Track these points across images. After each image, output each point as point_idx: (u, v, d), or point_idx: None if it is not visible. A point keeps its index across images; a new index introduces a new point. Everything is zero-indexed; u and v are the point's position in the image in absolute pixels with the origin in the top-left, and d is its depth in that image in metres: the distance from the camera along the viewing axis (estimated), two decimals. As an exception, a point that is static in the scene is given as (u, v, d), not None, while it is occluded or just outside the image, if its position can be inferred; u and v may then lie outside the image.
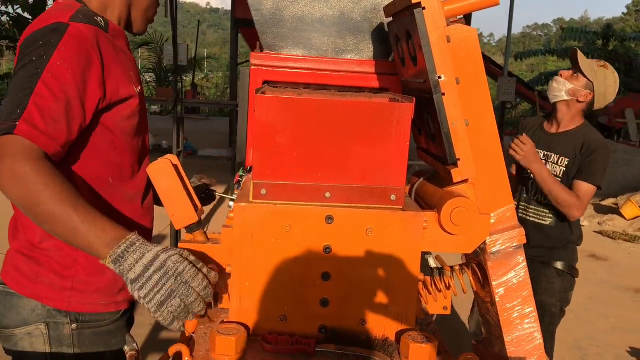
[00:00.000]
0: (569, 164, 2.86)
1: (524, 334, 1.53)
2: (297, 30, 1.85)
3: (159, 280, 1.18)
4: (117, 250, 1.20)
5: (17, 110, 1.25)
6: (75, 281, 1.50)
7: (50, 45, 1.32)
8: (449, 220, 1.39)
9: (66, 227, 1.22)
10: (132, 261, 1.19)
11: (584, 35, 22.34)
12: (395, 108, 1.42)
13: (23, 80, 1.29)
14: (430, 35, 1.35)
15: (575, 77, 2.85)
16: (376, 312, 1.40)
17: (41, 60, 1.30)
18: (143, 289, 1.18)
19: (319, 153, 1.42)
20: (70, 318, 1.50)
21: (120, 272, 1.20)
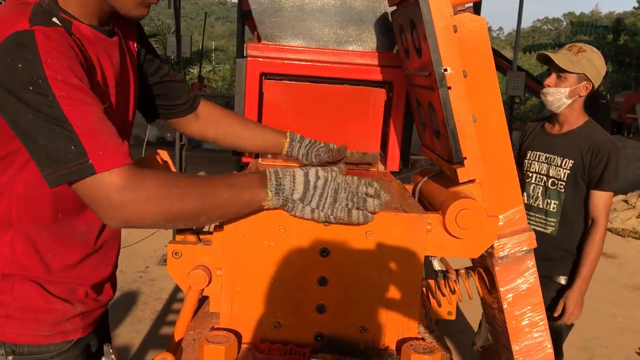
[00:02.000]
0: (574, 166, 2.68)
1: (533, 343, 1.45)
2: (297, 19, 1.77)
3: (323, 186, 1.22)
4: (271, 184, 1.20)
5: (72, 146, 1.09)
6: (11, 308, 1.32)
7: (32, 63, 1.09)
8: (454, 223, 1.30)
9: (221, 204, 1.18)
10: (289, 184, 1.21)
11: (594, 30, 22.12)
12: (371, 92, 1.89)
13: (43, 115, 1.09)
14: (436, 24, 1.26)
15: (563, 79, 2.63)
16: (376, 320, 1.32)
17: (40, 86, 1.09)
18: (313, 201, 1.21)
19: (313, 127, 1.85)
20: (5, 349, 1.33)
21: (285, 199, 1.21)
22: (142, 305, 4.56)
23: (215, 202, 1.17)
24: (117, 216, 1.12)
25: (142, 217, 1.12)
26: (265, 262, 1.29)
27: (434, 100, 1.38)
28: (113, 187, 1.10)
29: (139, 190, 1.11)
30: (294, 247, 1.28)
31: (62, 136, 1.09)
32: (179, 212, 1.15)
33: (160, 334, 4.12)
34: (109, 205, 1.11)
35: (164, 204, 1.13)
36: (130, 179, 1.12)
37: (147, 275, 5.20)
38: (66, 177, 1.10)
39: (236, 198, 1.19)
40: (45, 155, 1.11)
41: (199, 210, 1.17)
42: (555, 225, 2.74)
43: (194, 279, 1.31)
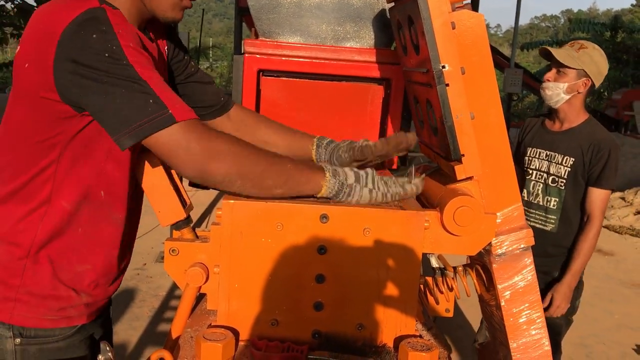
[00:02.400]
0: (575, 164, 2.66)
1: (531, 340, 1.45)
2: (294, 16, 1.77)
3: (371, 171, 1.33)
4: (327, 169, 1.31)
5: (150, 100, 1.17)
6: (20, 292, 1.35)
7: (106, 34, 1.18)
8: (452, 220, 1.30)
9: (286, 171, 1.27)
10: (342, 173, 1.31)
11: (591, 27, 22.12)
12: (369, 89, 1.87)
13: (118, 77, 1.17)
14: (434, 20, 1.25)
15: (562, 74, 2.62)
16: (373, 317, 1.32)
17: (115, 52, 1.17)
18: (368, 183, 1.31)
19: (311, 123, 1.83)
20: (13, 332, 1.35)
21: (340, 183, 1.29)
22: (139, 302, 4.56)
23: (280, 169, 1.27)
24: (195, 164, 1.20)
25: (216, 168, 1.21)
26: (263, 260, 1.29)
27: (432, 97, 1.38)
28: (192, 135, 1.19)
29: (214, 142, 1.21)
30: (291, 245, 1.28)
31: (140, 92, 1.17)
32: (250, 168, 1.23)
33: (158, 331, 4.12)
34: (188, 154, 1.19)
35: (237, 159, 1.22)
36: (204, 132, 1.21)
37: (145, 272, 5.19)
38: (150, 129, 1.17)
39: (299, 172, 1.28)
40: (123, 115, 1.17)
41: (267, 171, 1.25)
42: (555, 223, 2.73)
43: (191, 277, 1.30)
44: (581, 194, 2.67)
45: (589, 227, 2.64)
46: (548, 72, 2.67)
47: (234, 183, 1.24)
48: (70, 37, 1.17)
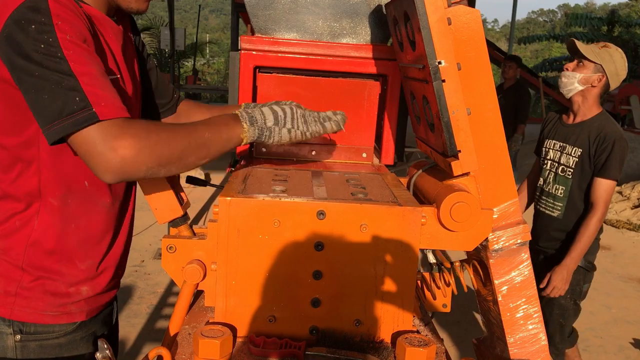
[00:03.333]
0: (582, 154, 2.82)
1: (528, 335, 1.45)
2: (290, 12, 1.76)
3: (291, 112, 1.35)
4: (243, 117, 1.33)
5: (76, 98, 1.15)
6: (20, 286, 1.35)
7: (44, 25, 1.17)
8: (448, 215, 1.30)
9: (205, 142, 1.27)
10: (259, 116, 1.34)
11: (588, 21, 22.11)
12: (365, 85, 1.86)
13: (51, 70, 1.16)
14: (430, 16, 1.25)
15: (581, 66, 2.79)
16: (371, 313, 1.32)
17: (51, 45, 1.16)
18: (287, 122, 1.33)
19: None
20: (14, 328, 1.36)
21: (260, 128, 1.33)
22: (137, 299, 4.56)
23: (199, 141, 1.26)
24: (113, 166, 1.16)
25: (138, 165, 1.18)
26: (260, 256, 1.29)
27: (428, 93, 1.38)
28: (111, 135, 1.16)
29: (134, 137, 1.17)
30: (288, 241, 1.28)
31: (67, 88, 1.15)
32: (170, 155, 1.22)
33: (156, 327, 4.12)
34: (106, 156, 1.15)
35: (155, 149, 1.19)
36: (124, 127, 1.17)
37: (143, 269, 5.19)
38: (71, 126, 1.14)
39: (217, 135, 1.29)
40: (51, 109, 1.16)
41: (186, 150, 1.24)
42: (562, 209, 2.89)
43: (189, 274, 1.30)
44: (586, 183, 2.81)
45: (591, 215, 2.76)
46: (570, 62, 2.86)
47: (159, 171, 1.23)
48: (12, 26, 1.17)
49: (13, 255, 1.35)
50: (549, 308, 2.91)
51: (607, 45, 2.82)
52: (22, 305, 1.35)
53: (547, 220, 2.96)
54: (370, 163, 1.91)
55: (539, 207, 3.03)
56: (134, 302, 4.50)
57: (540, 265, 2.94)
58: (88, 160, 1.18)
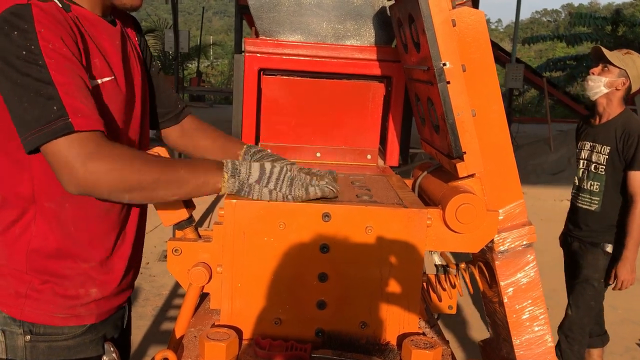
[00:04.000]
0: (611, 151, 3.06)
1: (534, 336, 1.45)
2: (295, 14, 1.76)
3: (279, 173, 1.29)
4: (227, 168, 1.28)
5: (54, 107, 1.15)
6: (30, 288, 1.34)
7: (26, 32, 1.16)
8: (454, 217, 1.30)
9: (177, 179, 1.25)
10: (245, 170, 1.29)
11: (592, 21, 22.03)
12: (370, 86, 1.86)
13: (31, 78, 1.16)
14: (434, 18, 1.25)
15: (606, 71, 3.02)
16: (376, 315, 1.32)
17: (32, 52, 1.16)
18: (270, 183, 1.28)
19: (312, 122, 1.87)
20: (24, 329, 1.36)
21: (241, 182, 1.28)
22: (142, 302, 4.57)
23: (171, 177, 1.24)
24: (79, 180, 1.16)
25: (101, 185, 1.18)
26: (265, 259, 1.29)
27: (433, 94, 1.38)
28: (81, 149, 1.16)
29: (106, 157, 1.18)
30: (293, 244, 1.28)
31: (46, 97, 1.15)
32: (137, 183, 1.21)
33: (161, 330, 4.12)
34: (74, 168, 1.15)
35: (124, 174, 1.19)
36: (100, 144, 1.18)
37: (148, 271, 5.20)
38: (47, 135, 1.14)
39: (192, 176, 1.26)
40: (28, 117, 1.15)
41: (155, 183, 1.23)
42: (599, 203, 3.14)
43: (194, 276, 1.31)
44: (620, 177, 3.06)
45: (633, 207, 3.00)
46: (595, 67, 3.09)
47: (122, 197, 1.23)
48: None
49: (16, 263, 1.34)
50: (582, 289, 3.19)
51: (630, 52, 3.06)
52: (32, 306, 1.35)
53: (585, 214, 3.21)
54: (375, 165, 1.91)
55: (577, 203, 3.26)
56: (139, 304, 4.51)
57: (575, 249, 3.28)
58: (56, 169, 1.18)
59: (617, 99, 3.08)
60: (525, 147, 11.87)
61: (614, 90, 3.05)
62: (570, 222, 3.36)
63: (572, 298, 3.25)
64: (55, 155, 1.16)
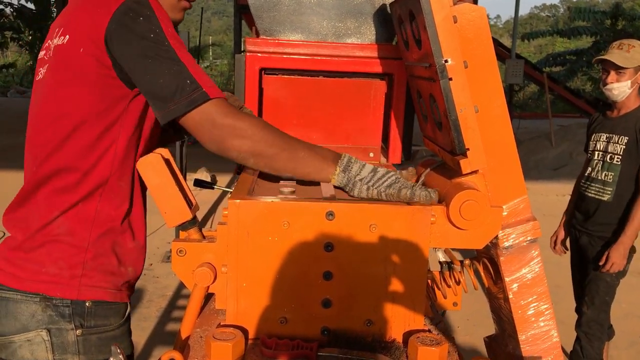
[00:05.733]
0: (629, 141, 3.11)
1: (540, 332, 1.45)
2: (295, 13, 1.76)
3: (384, 174, 1.36)
4: (342, 162, 1.38)
5: (187, 80, 1.30)
6: (85, 267, 1.42)
7: (150, 18, 1.31)
8: (458, 214, 1.30)
9: (296, 159, 1.37)
10: (357, 168, 1.37)
11: (592, 15, 21.97)
12: (371, 85, 1.87)
13: (162, 58, 1.30)
14: (435, 15, 1.25)
15: (622, 74, 3.08)
16: (382, 313, 1.32)
17: (158, 35, 1.31)
18: (371, 181, 1.35)
19: (314, 121, 1.87)
20: (75, 323, 1.41)
21: (349, 178, 1.36)
22: (147, 303, 4.57)
23: (292, 155, 1.36)
24: (216, 137, 1.32)
25: (233, 145, 1.32)
26: (270, 258, 1.29)
27: (435, 91, 1.38)
28: (219, 112, 1.32)
29: (236, 121, 1.32)
30: (298, 242, 1.28)
31: (178, 73, 1.30)
32: (262, 152, 1.34)
33: (166, 331, 4.13)
34: (213, 127, 1.32)
35: (253, 140, 1.32)
36: (231, 110, 1.33)
37: (151, 272, 5.20)
38: (187, 105, 1.30)
39: (310, 160, 1.37)
40: (166, 91, 1.30)
41: (277, 156, 1.35)
42: (611, 194, 3.17)
43: (199, 277, 1.31)
44: (635, 168, 3.11)
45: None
46: (609, 76, 3.13)
47: (248, 160, 1.35)
48: (121, 19, 1.30)
49: (80, 237, 1.42)
50: (595, 285, 3.21)
51: (632, 44, 3.10)
52: (88, 284, 1.43)
53: (596, 204, 3.23)
54: (378, 162, 1.91)
55: (588, 193, 3.29)
56: (144, 305, 4.52)
57: (584, 244, 3.32)
58: (197, 133, 1.34)
59: (634, 92, 3.14)
60: (527, 142, 11.85)
61: (636, 85, 3.12)
62: (578, 210, 3.37)
63: (587, 296, 3.25)
64: (196, 118, 1.31)
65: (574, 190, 3.52)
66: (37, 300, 1.39)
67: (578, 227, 3.37)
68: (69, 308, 1.40)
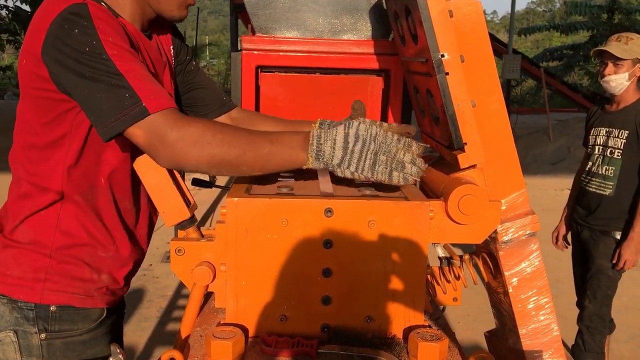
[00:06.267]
0: (629, 135, 3.10)
1: (540, 325, 1.44)
2: (290, 10, 1.76)
3: (361, 149, 1.22)
4: (312, 149, 1.25)
5: (126, 94, 1.22)
6: (49, 271, 1.39)
7: (87, 28, 1.23)
8: (457, 209, 1.29)
9: (262, 156, 1.25)
10: (329, 150, 1.24)
11: (588, 9, 21.93)
12: (368, 81, 1.88)
13: (99, 71, 1.22)
14: (431, 9, 1.25)
15: (620, 66, 3.07)
16: (381, 309, 1.32)
17: (95, 47, 1.22)
18: (351, 165, 1.23)
19: (311, 117, 1.70)
20: (39, 327, 1.38)
21: (325, 164, 1.25)
22: (147, 303, 4.57)
23: (257, 153, 1.25)
24: (167, 154, 1.23)
25: (188, 157, 1.23)
26: (269, 256, 1.28)
27: (432, 86, 1.37)
28: (165, 126, 1.22)
29: (186, 131, 1.22)
30: (297, 240, 1.28)
31: (117, 87, 1.21)
32: (222, 157, 1.24)
33: (166, 331, 4.12)
34: (161, 143, 1.22)
35: (208, 148, 1.23)
36: (179, 120, 1.23)
37: (151, 272, 5.20)
38: (125, 122, 1.21)
39: (278, 153, 1.26)
40: (104, 108, 1.22)
41: (240, 158, 1.25)
42: (613, 188, 3.16)
43: (198, 276, 1.30)
44: (637, 162, 3.10)
45: None
46: (606, 68, 3.11)
47: (210, 169, 1.26)
48: (55, 32, 1.23)
49: (42, 244, 1.39)
50: (597, 280, 3.21)
51: (630, 37, 3.09)
52: (52, 288, 1.39)
53: (597, 199, 3.22)
54: None
55: (589, 188, 3.28)
56: (144, 305, 4.51)
57: (586, 239, 3.31)
58: (147, 150, 1.25)
59: (633, 84, 3.13)
60: (525, 137, 11.86)
61: (634, 78, 3.11)
62: (579, 204, 3.37)
63: (588, 290, 3.26)
64: (141, 135, 1.23)
65: (574, 184, 3.52)
66: (5, 302, 1.40)
67: (579, 222, 3.36)
68: (32, 311, 1.39)
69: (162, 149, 1.23)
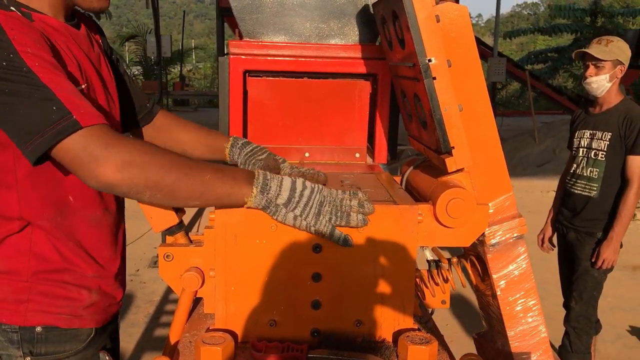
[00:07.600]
0: (612, 137, 3.14)
1: (528, 327, 1.46)
2: (278, 15, 1.76)
3: (309, 196, 1.19)
4: (258, 181, 1.19)
5: (53, 107, 1.09)
6: (31, 292, 1.32)
7: (2, 42, 1.12)
8: (445, 212, 1.30)
9: (202, 183, 1.16)
10: (275, 187, 1.19)
11: (572, 13, 22.17)
12: (356, 85, 1.87)
13: (20, 85, 1.10)
14: (418, 14, 1.25)
15: (601, 67, 3.11)
16: (371, 313, 1.32)
17: (13, 60, 1.11)
18: (297, 208, 1.19)
19: (299, 122, 1.87)
20: (24, 350, 1.34)
21: (268, 200, 1.19)
22: (134, 309, 4.54)
23: (196, 181, 1.16)
24: (98, 174, 1.10)
25: (120, 178, 1.11)
26: (258, 261, 1.28)
27: (419, 91, 1.38)
28: (97, 143, 1.10)
29: (120, 150, 1.10)
30: (286, 245, 1.28)
31: (42, 100, 1.09)
32: (158, 181, 1.13)
33: (155, 336, 4.10)
34: (92, 162, 1.10)
35: (144, 169, 1.12)
36: (113, 138, 1.12)
37: (138, 278, 5.17)
38: (53, 137, 1.09)
39: (218, 184, 1.17)
40: (28, 124, 1.09)
41: (177, 183, 1.14)
42: (597, 190, 3.20)
43: (187, 281, 1.30)
44: (620, 163, 3.13)
45: (628, 190, 3.09)
46: (587, 70, 3.16)
47: (143, 194, 1.15)
48: None
49: (16, 272, 1.33)
50: (583, 281, 3.25)
51: (610, 39, 3.15)
52: (35, 309, 1.33)
53: (583, 201, 3.26)
54: (364, 163, 1.91)
55: (574, 190, 3.32)
56: (131, 311, 4.48)
57: (571, 240, 3.34)
58: (75, 169, 1.13)
59: (615, 86, 3.17)
60: (511, 139, 11.94)
61: (616, 80, 3.15)
62: (565, 206, 3.40)
63: (575, 291, 3.29)
64: (68, 153, 1.11)
65: (559, 186, 3.55)
66: None
67: (565, 224, 3.39)
68: (17, 334, 1.34)
69: (94, 167, 1.10)
